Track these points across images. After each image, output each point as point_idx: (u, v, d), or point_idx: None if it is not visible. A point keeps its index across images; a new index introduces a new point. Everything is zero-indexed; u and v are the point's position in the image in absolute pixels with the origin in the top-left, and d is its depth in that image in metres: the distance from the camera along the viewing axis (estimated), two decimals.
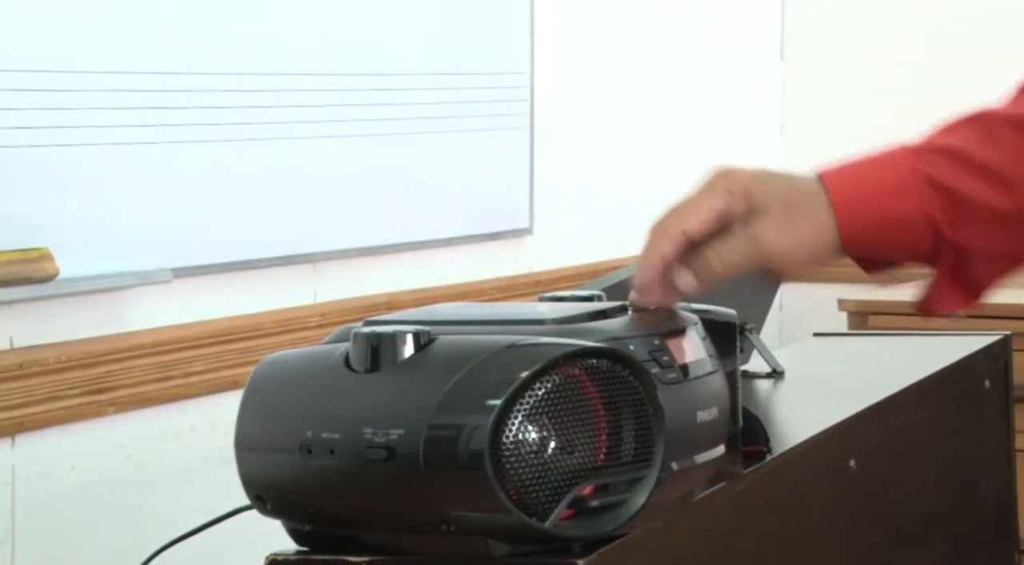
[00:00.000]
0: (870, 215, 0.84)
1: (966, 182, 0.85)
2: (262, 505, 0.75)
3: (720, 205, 0.82)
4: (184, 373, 1.70)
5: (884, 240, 0.85)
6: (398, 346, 0.72)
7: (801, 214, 0.83)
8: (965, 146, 0.86)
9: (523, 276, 2.21)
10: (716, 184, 0.82)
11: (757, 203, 0.82)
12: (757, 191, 0.82)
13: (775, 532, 0.90)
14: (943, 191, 0.85)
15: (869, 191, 0.84)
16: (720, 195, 0.82)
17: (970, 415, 1.22)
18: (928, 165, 0.85)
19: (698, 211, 0.81)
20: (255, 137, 1.78)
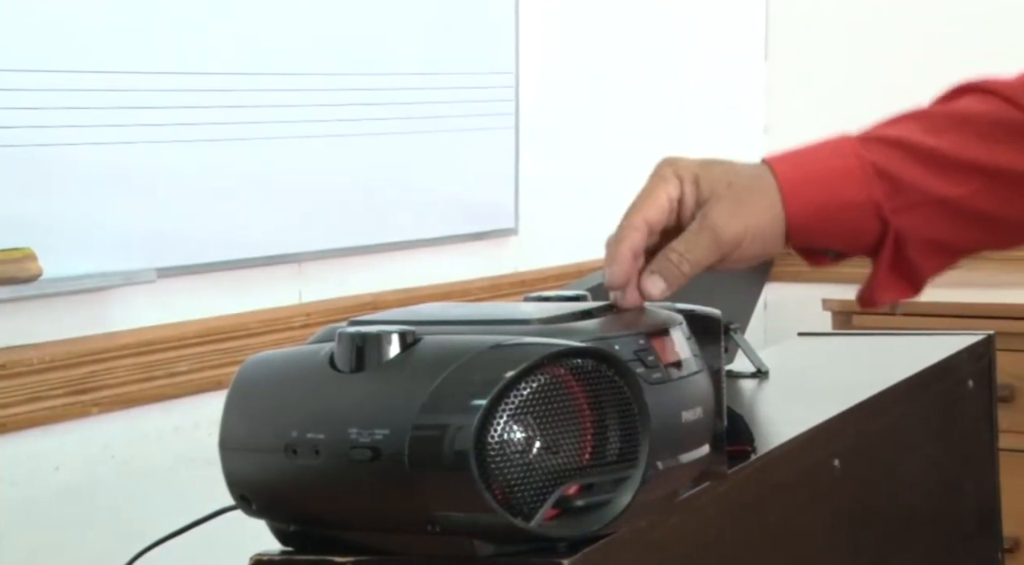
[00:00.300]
0: (816, 199, 0.84)
1: (910, 169, 0.86)
2: (247, 505, 0.75)
3: (674, 192, 0.82)
4: (168, 373, 1.70)
5: (829, 225, 0.85)
6: (383, 346, 0.72)
7: (751, 197, 0.83)
8: (909, 135, 0.87)
9: (508, 276, 2.21)
10: (665, 172, 0.83)
11: (706, 188, 0.82)
12: (705, 176, 0.83)
13: (760, 531, 0.90)
14: (887, 177, 0.86)
15: (815, 176, 0.85)
16: (672, 181, 0.83)
17: (954, 414, 1.22)
18: (873, 152, 0.86)
19: (656, 200, 0.82)
20: (239, 137, 1.77)
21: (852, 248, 0.88)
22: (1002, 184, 0.87)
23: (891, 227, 0.86)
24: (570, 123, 2.36)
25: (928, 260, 0.88)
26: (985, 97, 0.89)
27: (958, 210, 0.87)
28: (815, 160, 0.86)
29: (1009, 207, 0.88)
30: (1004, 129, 0.87)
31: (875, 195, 0.85)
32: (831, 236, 0.86)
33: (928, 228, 0.87)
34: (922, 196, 0.86)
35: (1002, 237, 0.90)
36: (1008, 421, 2.15)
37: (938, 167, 0.86)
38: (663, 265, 0.80)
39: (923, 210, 0.86)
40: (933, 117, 0.89)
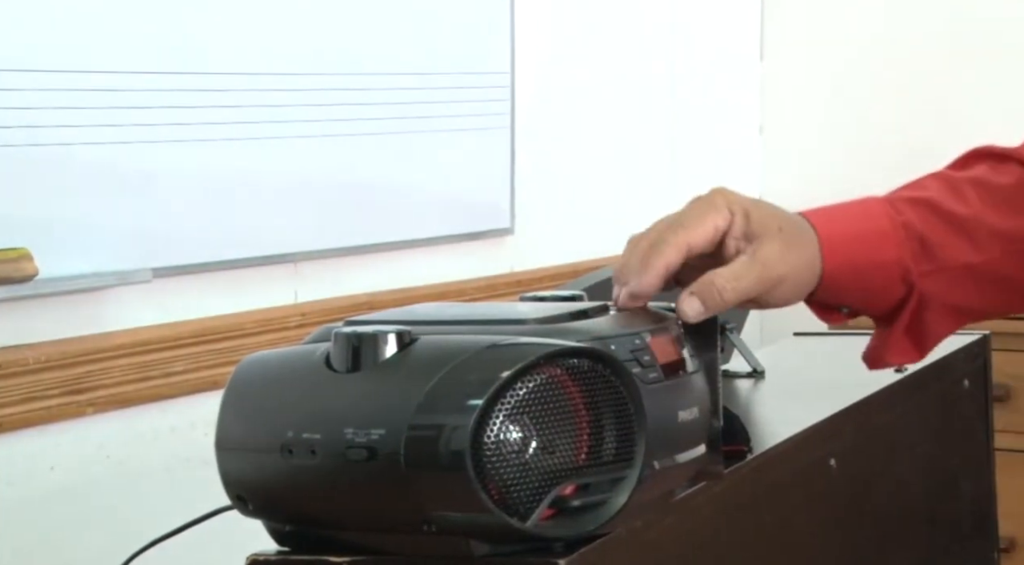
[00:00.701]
0: (852, 257, 0.86)
1: (938, 232, 0.88)
2: (243, 505, 0.75)
3: (722, 223, 0.82)
4: (164, 373, 1.69)
5: (859, 284, 0.87)
6: (379, 346, 0.72)
7: (797, 245, 0.84)
8: (935, 196, 0.89)
9: (504, 276, 2.21)
10: (718, 201, 0.83)
11: (757, 224, 0.83)
12: (756, 213, 0.83)
13: (756, 531, 0.90)
14: (918, 239, 0.87)
15: (851, 232, 0.86)
16: (723, 213, 0.83)
17: (949, 414, 1.22)
18: (903, 213, 0.88)
19: (703, 226, 0.82)
20: (234, 137, 1.77)
21: (871, 307, 0.89)
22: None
23: (916, 290, 0.87)
24: (566, 123, 2.36)
25: (943, 324, 0.89)
26: (1002, 163, 0.90)
27: (982, 275, 0.88)
28: (850, 219, 0.87)
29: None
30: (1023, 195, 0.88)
31: (904, 257, 0.86)
32: (856, 294, 0.87)
33: (951, 292, 0.88)
34: (950, 261, 0.87)
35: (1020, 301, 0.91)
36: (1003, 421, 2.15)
37: (963, 231, 0.88)
38: (705, 289, 0.80)
39: (949, 274, 0.87)
40: (954, 181, 0.90)
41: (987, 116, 2.56)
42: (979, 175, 0.90)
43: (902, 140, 2.63)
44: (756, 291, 0.82)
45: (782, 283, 0.83)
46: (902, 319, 0.88)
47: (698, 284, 0.81)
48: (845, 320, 0.90)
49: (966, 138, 2.96)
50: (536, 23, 2.26)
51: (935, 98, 2.62)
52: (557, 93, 2.33)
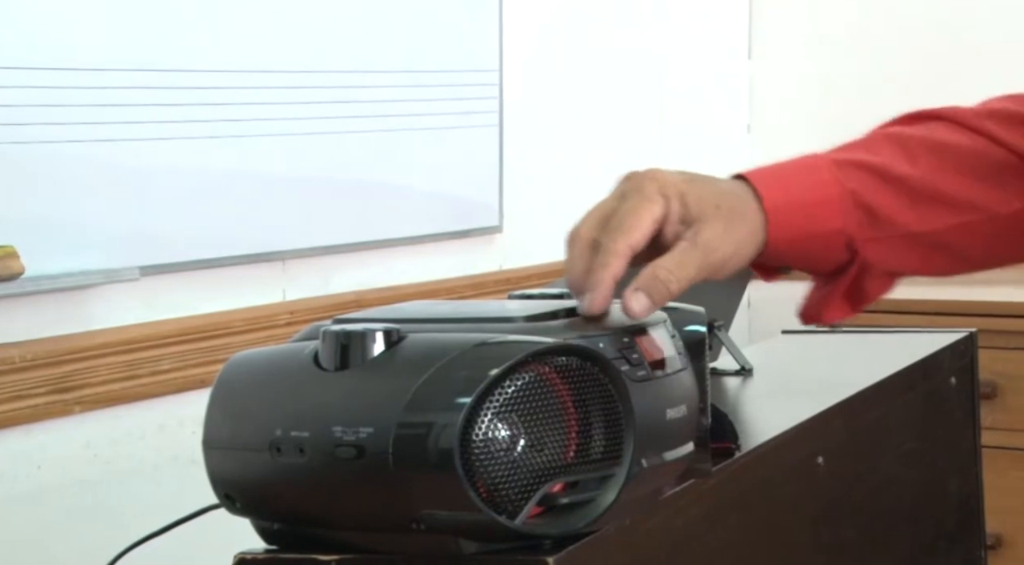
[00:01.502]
0: (796, 227, 0.84)
1: (886, 200, 0.87)
2: (231, 504, 0.75)
3: (659, 212, 0.80)
4: (151, 372, 1.69)
5: (802, 250, 0.86)
6: (367, 344, 0.72)
7: (738, 222, 0.82)
8: (886, 163, 0.87)
9: (493, 274, 2.21)
10: (649, 190, 0.81)
11: (694, 207, 0.81)
12: (692, 194, 0.81)
13: (744, 529, 0.90)
14: (864, 208, 0.86)
15: (797, 201, 0.85)
16: (657, 201, 0.80)
17: (936, 412, 1.23)
18: (851, 179, 0.86)
19: (642, 223, 0.79)
20: (222, 135, 1.77)
21: (812, 269, 0.88)
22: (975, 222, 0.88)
23: (859, 257, 0.86)
24: (554, 121, 2.36)
25: (881, 286, 0.89)
26: (956, 128, 0.89)
27: (928, 244, 0.88)
28: (797, 185, 0.85)
29: (975, 243, 0.88)
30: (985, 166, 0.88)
31: (849, 226, 0.85)
32: (798, 260, 0.87)
33: (894, 259, 0.87)
34: (896, 230, 0.86)
35: (959, 268, 0.91)
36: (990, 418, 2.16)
37: (913, 200, 0.87)
38: (650, 283, 0.78)
39: (893, 242, 0.87)
40: (906, 142, 0.89)
41: None
42: (938, 138, 0.88)
43: None
44: (702, 275, 0.81)
45: (726, 263, 0.81)
46: (842, 282, 0.87)
47: (642, 279, 0.78)
48: (783, 277, 0.89)
49: None
50: (524, 21, 2.26)
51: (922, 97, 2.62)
52: (545, 91, 2.33)
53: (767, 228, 0.83)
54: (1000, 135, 0.88)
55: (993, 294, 2.34)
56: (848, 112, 2.74)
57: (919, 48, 2.63)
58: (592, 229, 0.80)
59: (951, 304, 2.27)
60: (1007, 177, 0.88)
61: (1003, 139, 0.88)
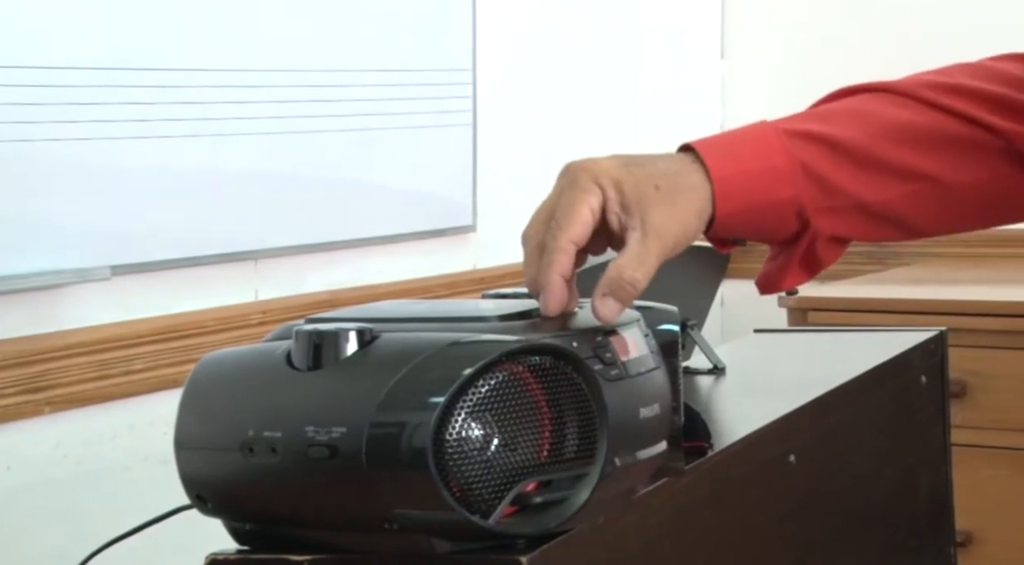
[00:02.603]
0: (746, 199, 0.84)
1: (836, 170, 0.87)
2: (202, 504, 0.74)
3: (596, 203, 0.79)
4: (123, 371, 1.68)
5: (752, 222, 0.85)
6: (340, 344, 0.71)
7: (682, 198, 0.81)
8: (836, 133, 0.87)
9: (467, 273, 2.21)
10: (583, 181, 0.80)
11: (632, 193, 0.80)
12: (628, 180, 0.80)
13: (717, 526, 0.91)
14: (815, 178, 0.86)
15: (745, 175, 0.84)
16: (593, 192, 0.79)
17: (907, 410, 1.23)
18: (800, 149, 0.86)
19: (580, 216, 0.79)
20: (194, 133, 1.76)
21: (765, 240, 0.88)
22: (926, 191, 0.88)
23: (811, 226, 0.86)
24: (528, 120, 2.36)
25: (834, 253, 0.90)
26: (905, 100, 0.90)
27: (878, 213, 0.88)
28: (744, 155, 0.85)
29: (926, 213, 0.89)
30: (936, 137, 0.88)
31: (800, 196, 0.85)
32: (750, 231, 0.86)
33: (844, 227, 0.88)
34: (847, 199, 0.87)
35: (908, 235, 0.92)
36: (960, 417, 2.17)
37: (864, 170, 0.87)
38: (615, 285, 0.77)
39: (844, 212, 0.87)
40: (859, 114, 0.89)
41: None
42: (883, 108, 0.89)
43: None
44: (661, 261, 0.80)
45: (678, 242, 0.81)
46: (796, 251, 0.87)
47: (606, 283, 0.77)
48: (737, 248, 0.90)
49: None
50: (498, 20, 2.26)
51: None
52: (519, 90, 2.33)
53: (715, 199, 0.83)
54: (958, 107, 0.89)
55: (963, 293, 2.36)
56: None
57: (893, 48, 2.64)
58: (538, 230, 0.81)
59: (921, 303, 2.29)
60: (958, 148, 0.88)
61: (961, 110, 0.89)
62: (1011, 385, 2.29)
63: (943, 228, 0.92)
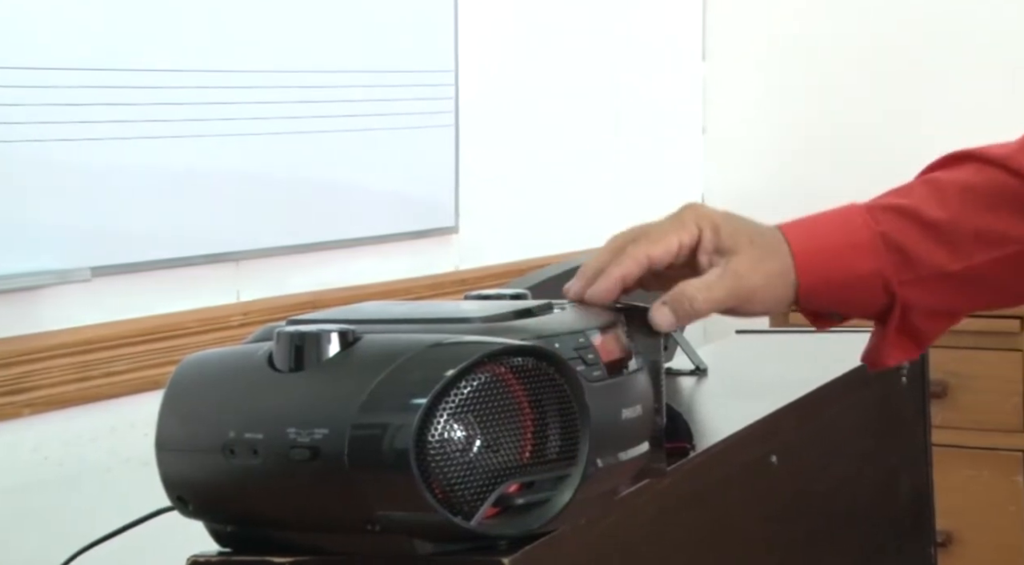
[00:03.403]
0: (827, 269, 0.87)
1: (918, 241, 0.88)
2: (184, 506, 0.74)
3: (688, 240, 0.84)
4: (104, 373, 1.68)
5: (838, 294, 0.88)
6: (322, 345, 0.71)
7: (769, 259, 0.85)
8: (917, 205, 0.89)
9: (449, 274, 2.21)
10: (686, 217, 0.85)
11: (728, 238, 0.84)
12: (727, 227, 0.85)
13: (699, 527, 0.91)
14: (896, 249, 0.88)
15: (826, 246, 0.87)
16: (690, 230, 0.84)
17: (888, 410, 1.24)
18: (881, 223, 0.88)
19: (667, 241, 0.83)
20: (175, 134, 1.75)
21: (858, 314, 0.90)
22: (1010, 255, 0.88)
23: (898, 298, 0.87)
24: (510, 121, 2.36)
25: (933, 324, 0.90)
26: (983, 167, 0.90)
27: (965, 280, 0.88)
28: (827, 232, 0.87)
29: (1015, 276, 0.89)
30: (1008, 199, 0.89)
31: (884, 268, 0.87)
32: (839, 304, 0.88)
33: (934, 298, 0.88)
34: (930, 270, 0.88)
35: (1007, 300, 0.91)
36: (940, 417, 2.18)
37: (945, 239, 0.88)
38: (677, 299, 0.81)
39: (930, 282, 0.88)
40: (939, 185, 0.90)
41: (927, 114, 2.60)
42: (963, 178, 0.90)
43: (843, 139, 2.66)
44: (729, 302, 0.83)
45: (755, 294, 0.84)
46: (890, 325, 0.88)
47: (670, 294, 0.82)
48: (838, 324, 0.91)
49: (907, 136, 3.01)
50: (480, 22, 2.26)
51: (876, 97, 2.65)
52: (501, 92, 2.33)
53: (797, 272, 0.85)
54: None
55: None
56: (802, 113, 2.76)
57: (872, 50, 2.65)
58: (626, 238, 0.85)
59: None
60: None
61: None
62: (991, 386, 2.30)
63: None
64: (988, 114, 2.55)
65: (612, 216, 2.54)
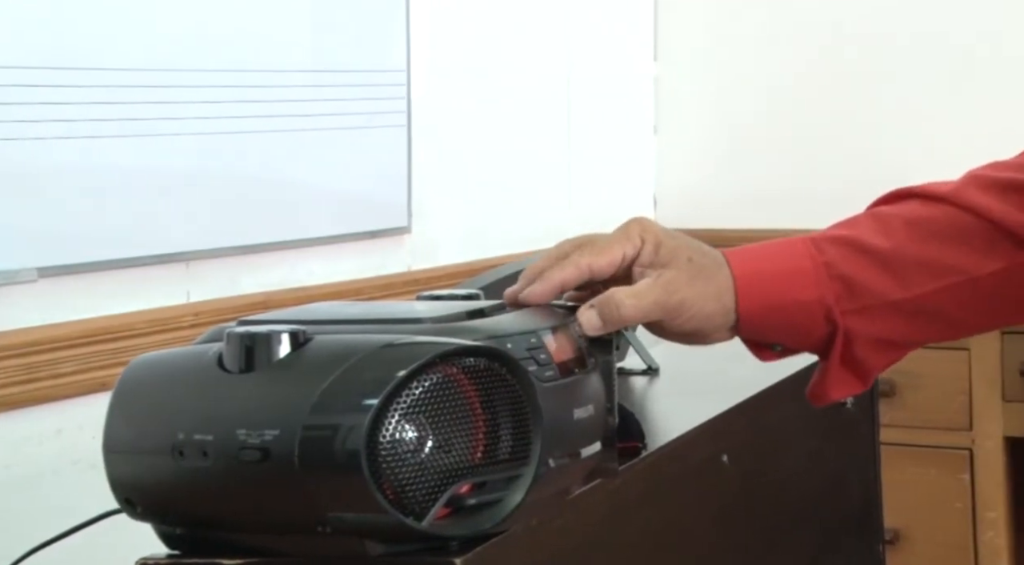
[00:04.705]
0: (767, 293, 0.87)
1: (862, 270, 0.88)
2: (132, 509, 0.73)
3: (632, 253, 0.85)
4: (51, 375, 1.66)
5: (779, 320, 0.87)
6: (273, 346, 0.71)
7: (705, 280, 0.85)
8: (861, 235, 0.89)
9: (401, 275, 2.20)
10: (632, 231, 0.85)
11: (666, 254, 0.85)
12: (668, 244, 0.85)
13: (651, 526, 0.91)
14: (839, 277, 0.88)
15: (768, 270, 0.87)
16: (633, 242, 0.85)
17: (837, 409, 1.25)
18: (825, 253, 0.88)
19: (612, 252, 0.84)
20: (124, 133, 1.74)
21: (799, 345, 0.89)
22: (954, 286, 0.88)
23: (840, 327, 0.87)
24: (462, 121, 2.36)
25: (877, 356, 0.90)
26: (927, 202, 0.91)
27: (908, 310, 0.88)
28: (769, 257, 0.88)
29: (960, 307, 0.89)
30: (953, 231, 0.89)
31: (826, 296, 0.87)
32: (779, 332, 0.88)
33: (877, 328, 0.88)
34: (874, 298, 0.88)
35: (952, 332, 0.91)
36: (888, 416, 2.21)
37: (890, 269, 0.88)
38: (605, 304, 0.82)
39: (874, 312, 0.88)
40: (883, 217, 0.90)
41: (877, 114, 2.63)
42: (910, 211, 0.90)
43: (794, 140, 2.69)
44: (656, 312, 0.83)
45: (683, 308, 0.84)
46: (833, 355, 0.88)
47: (598, 298, 0.82)
48: (779, 357, 0.90)
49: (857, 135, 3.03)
50: (432, 21, 2.26)
51: (826, 97, 2.68)
52: (453, 92, 2.33)
53: (737, 295, 0.86)
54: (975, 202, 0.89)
55: None
56: (753, 113, 2.78)
57: (823, 49, 2.68)
58: (572, 245, 0.85)
59: None
60: (981, 241, 0.89)
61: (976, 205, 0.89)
62: (938, 385, 2.33)
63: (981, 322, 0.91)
64: (935, 114, 2.58)
65: (565, 216, 2.55)
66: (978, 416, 2.30)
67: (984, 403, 2.29)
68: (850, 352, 0.88)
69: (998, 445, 2.29)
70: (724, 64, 2.75)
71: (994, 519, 2.29)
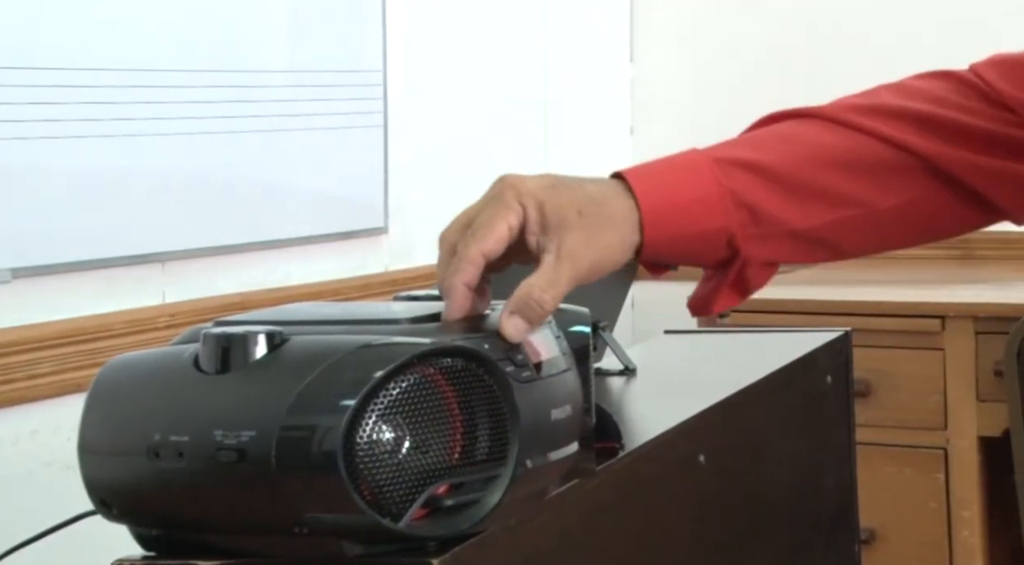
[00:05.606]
0: (674, 225, 0.86)
1: (768, 198, 0.88)
2: (107, 510, 0.73)
3: (515, 221, 0.80)
4: (26, 376, 1.65)
5: (681, 250, 0.87)
6: (249, 346, 0.71)
7: (605, 226, 0.82)
8: (766, 160, 0.89)
9: (378, 275, 2.20)
10: (507, 197, 0.80)
11: (553, 216, 0.80)
12: (551, 202, 0.81)
13: (628, 527, 0.91)
14: (745, 207, 0.88)
15: (675, 202, 0.86)
16: (515, 210, 0.80)
17: (814, 409, 1.25)
18: (731, 179, 0.87)
19: (495, 231, 0.79)
20: (100, 133, 1.73)
21: (695, 265, 0.90)
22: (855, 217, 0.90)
23: (740, 253, 0.88)
24: (439, 121, 2.36)
25: (762, 274, 0.92)
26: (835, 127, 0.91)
27: (807, 239, 0.90)
28: (674, 186, 0.86)
29: (855, 236, 0.91)
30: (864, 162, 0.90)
31: (730, 225, 0.87)
32: (679, 257, 0.88)
33: (775, 253, 0.90)
34: (777, 227, 0.88)
35: (838, 257, 0.93)
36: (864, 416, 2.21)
37: (795, 198, 0.88)
38: (525, 305, 0.77)
39: (773, 239, 0.89)
40: (791, 140, 0.90)
41: None
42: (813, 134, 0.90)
43: None
44: (573, 286, 0.81)
45: (594, 270, 0.81)
46: (728, 276, 0.89)
47: (515, 301, 0.77)
48: (670, 272, 0.91)
49: None
50: (408, 21, 2.26)
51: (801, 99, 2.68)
52: (429, 92, 2.33)
53: (643, 227, 0.84)
54: (882, 130, 0.90)
55: (866, 294, 2.41)
56: (729, 114, 2.78)
57: (799, 50, 2.69)
58: (455, 234, 0.81)
59: (826, 304, 2.33)
60: (884, 171, 0.90)
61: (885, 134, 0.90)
62: (913, 385, 2.34)
63: (870, 249, 0.94)
64: None
65: None
66: (953, 416, 2.31)
67: (959, 403, 2.31)
68: (742, 274, 0.89)
69: (973, 445, 2.30)
70: (700, 66, 2.76)
71: (969, 518, 2.30)
